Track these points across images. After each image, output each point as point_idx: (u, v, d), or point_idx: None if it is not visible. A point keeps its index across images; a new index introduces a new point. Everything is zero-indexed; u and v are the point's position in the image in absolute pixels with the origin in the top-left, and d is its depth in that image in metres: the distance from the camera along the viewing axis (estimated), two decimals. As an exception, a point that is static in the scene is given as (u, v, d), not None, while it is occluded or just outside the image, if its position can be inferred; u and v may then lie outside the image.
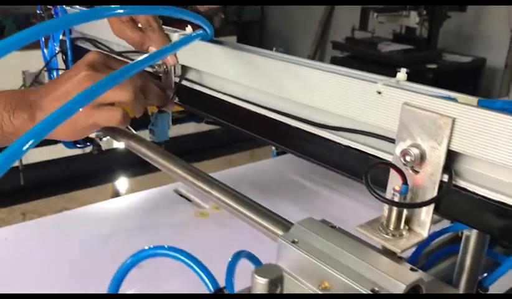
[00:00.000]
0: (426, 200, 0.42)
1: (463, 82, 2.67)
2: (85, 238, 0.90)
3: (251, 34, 4.11)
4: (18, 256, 0.85)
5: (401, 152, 0.43)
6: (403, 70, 0.46)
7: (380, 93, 0.46)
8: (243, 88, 0.65)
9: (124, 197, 1.22)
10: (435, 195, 0.42)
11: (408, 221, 0.44)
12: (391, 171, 0.44)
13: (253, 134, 0.65)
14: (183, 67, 0.72)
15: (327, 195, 1.10)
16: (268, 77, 0.58)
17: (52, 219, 1.01)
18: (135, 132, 0.81)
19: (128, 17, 0.67)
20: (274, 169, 1.25)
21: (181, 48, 0.59)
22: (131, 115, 0.64)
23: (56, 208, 1.49)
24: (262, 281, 0.33)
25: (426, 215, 0.44)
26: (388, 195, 0.45)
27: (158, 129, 0.79)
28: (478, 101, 0.40)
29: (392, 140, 0.45)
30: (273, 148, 1.33)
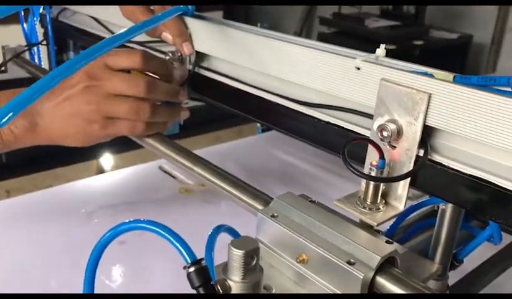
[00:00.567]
0: (402, 174, 0.43)
1: (450, 59, 2.68)
2: (70, 215, 0.90)
3: (237, 9, 4.06)
4: (1, 234, 0.85)
5: (378, 127, 0.43)
6: (382, 46, 0.47)
7: (359, 69, 0.46)
8: (225, 64, 0.65)
9: (108, 174, 1.22)
10: (411, 169, 0.43)
11: (385, 195, 0.45)
12: (369, 146, 0.45)
13: (235, 110, 0.65)
14: (198, 54, 0.68)
15: (310, 170, 1.11)
16: (250, 53, 0.58)
17: (37, 196, 1.00)
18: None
19: None
20: (258, 146, 1.25)
21: (162, 22, 0.59)
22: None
23: (41, 185, 1.48)
24: (238, 252, 0.33)
25: (402, 189, 0.44)
26: (365, 169, 0.46)
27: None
28: (454, 77, 0.40)
29: (370, 116, 0.46)
30: (258, 125, 1.33)
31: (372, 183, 0.43)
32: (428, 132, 0.42)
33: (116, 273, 0.75)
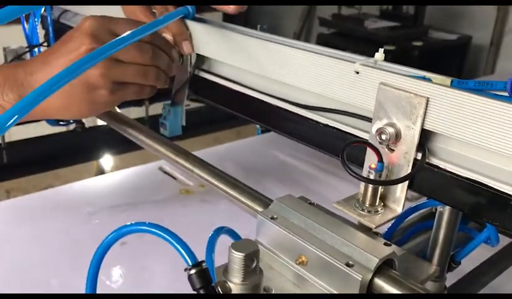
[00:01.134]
0: (400, 177, 0.44)
1: (449, 60, 2.68)
2: (70, 215, 0.91)
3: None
4: (2, 234, 0.85)
5: (377, 131, 0.44)
6: (381, 50, 0.47)
7: (358, 73, 0.47)
8: (225, 67, 0.65)
9: (108, 175, 1.23)
10: (409, 172, 0.43)
11: (383, 198, 0.46)
12: (367, 149, 0.46)
13: (235, 112, 0.66)
14: (198, 57, 0.68)
15: (309, 172, 1.12)
16: (249, 56, 0.59)
17: (37, 197, 1.01)
18: (119, 110, 0.81)
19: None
20: (258, 147, 1.26)
21: (164, 25, 0.59)
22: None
23: (41, 185, 1.49)
24: (238, 255, 0.34)
25: (400, 191, 0.45)
26: (364, 172, 0.46)
27: (171, 123, 0.73)
28: (451, 81, 0.41)
29: (369, 119, 0.46)
30: (257, 126, 1.34)
31: (371, 186, 0.44)
32: (426, 135, 0.43)
33: (117, 274, 0.76)
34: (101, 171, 1.50)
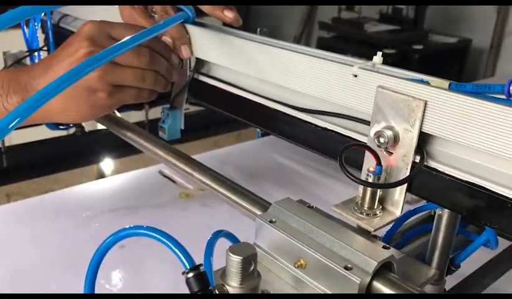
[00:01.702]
0: (398, 180, 0.44)
1: (449, 63, 2.69)
2: (70, 219, 0.91)
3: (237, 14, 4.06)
4: (2, 238, 0.85)
5: (375, 134, 0.44)
6: (379, 54, 0.47)
7: (356, 76, 0.47)
8: (224, 71, 0.66)
9: (108, 178, 1.23)
10: (407, 175, 0.43)
11: (382, 201, 0.46)
12: (366, 153, 0.46)
13: (234, 116, 0.66)
14: (197, 60, 0.69)
15: (308, 175, 1.12)
16: (249, 60, 0.59)
17: (37, 200, 1.01)
18: (119, 114, 0.81)
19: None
20: (258, 150, 1.26)
21: (164, 30, 0.59)
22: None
23: (41, 189, 1.49)
24: (236, 258, 0.34)
25: (399, 194, 0.45)
26: (363, 176, 0.46)
27: (169, 126, 0.73)
28: (449, 84, 0.41)
29: (368, 122, 0.46)
30: (257, 129, 1.34)
31: (369, 189, 0.44)
32: (424, 138, 0.43)
33: (116, 277, 0.76)
34: (101, 175, 1.50)
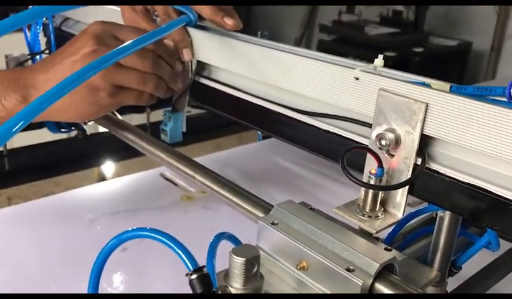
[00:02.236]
0: (400, 182, 0.44)
1: (450, 66, 2.68)
2: (71, 222, 0.91)
3: (238, 16, 4.07)
4: (4, 241, 0.85)
5: (377, 136, 0.44)
6: (380, 57, 0.47)
7: (357, 79, 0.47)
8: (226, 74, 0.66)
9: (110, 181, 1.23)
10: (409, 177, 0.43)
11: (384, 203, 0.46)
12: (367, 155, 0.46)
13: (236, 118, 0.66)
14: (199, 63, 0.69)
15: (310, 177, 1.12)
16: (250, 63, 0.59)
17: (38, 203, 1.01)
18: (120, 117, 0.81)
19: (143, 6, 0.66)
20: (259, 153, 1.26)
21: (167, 33, 0.59)
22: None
23: (42, 192, 1.49)
24: (239, 260, 0.34)
25: (401, 197, 0.45)
26: (364, 178, 0.46)
27: (171, 129, 0.73)
28: (451, 87, 0.41)
29: (369, 125, 0.46)
30: (258, 132, 1.34)
31: (371, 191, 0.44)
32: (425, 141, 0.43)
33: (118, 280, 0.76)
34: (102, 178, 1.50)
